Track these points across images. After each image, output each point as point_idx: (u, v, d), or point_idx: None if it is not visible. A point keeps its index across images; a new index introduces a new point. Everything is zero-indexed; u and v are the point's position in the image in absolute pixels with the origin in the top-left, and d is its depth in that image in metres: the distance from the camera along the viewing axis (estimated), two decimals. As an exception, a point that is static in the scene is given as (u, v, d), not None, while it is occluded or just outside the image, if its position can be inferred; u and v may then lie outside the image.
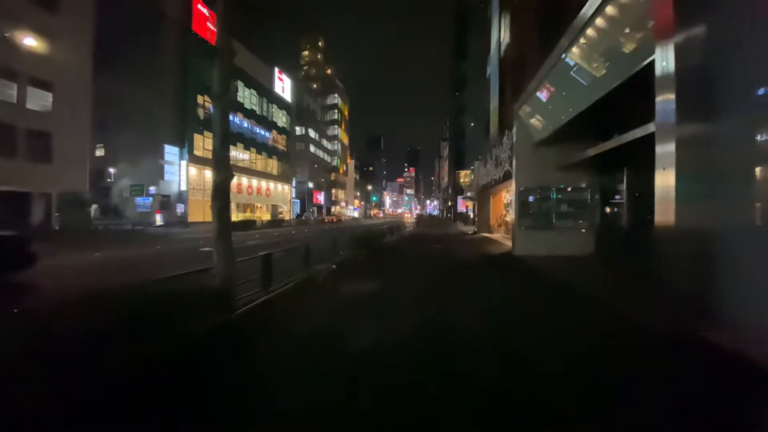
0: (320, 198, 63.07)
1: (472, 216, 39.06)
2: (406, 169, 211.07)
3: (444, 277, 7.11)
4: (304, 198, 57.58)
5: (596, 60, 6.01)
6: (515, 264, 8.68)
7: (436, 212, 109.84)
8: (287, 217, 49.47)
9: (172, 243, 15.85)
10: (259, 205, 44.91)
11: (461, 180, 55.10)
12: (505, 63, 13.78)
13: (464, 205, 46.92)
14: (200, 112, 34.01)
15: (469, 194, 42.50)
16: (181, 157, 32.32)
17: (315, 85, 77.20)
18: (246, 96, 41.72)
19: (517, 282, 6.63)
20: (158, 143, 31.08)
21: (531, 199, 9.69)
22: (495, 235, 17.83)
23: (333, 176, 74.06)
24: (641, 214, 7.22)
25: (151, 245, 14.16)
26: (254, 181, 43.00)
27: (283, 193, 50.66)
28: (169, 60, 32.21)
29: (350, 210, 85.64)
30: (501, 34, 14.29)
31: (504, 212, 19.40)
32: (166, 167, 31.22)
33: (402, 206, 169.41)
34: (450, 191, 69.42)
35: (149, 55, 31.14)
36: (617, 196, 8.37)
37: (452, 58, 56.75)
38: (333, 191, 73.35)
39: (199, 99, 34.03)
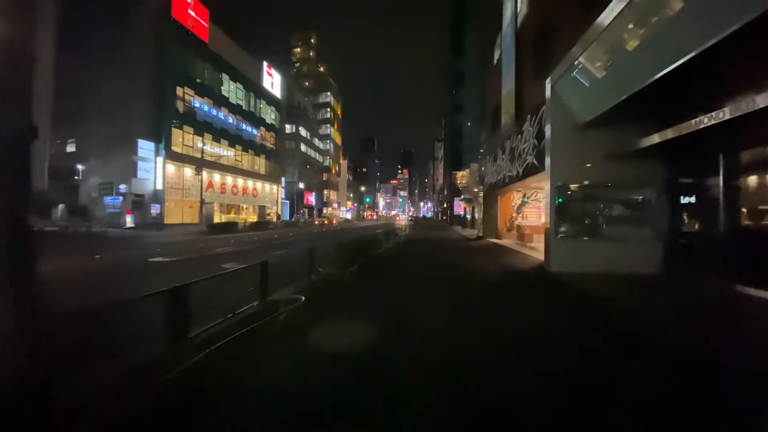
0: (311, 199, 60.58)
1: (470, 219, 36.97)
2: (399, 171, 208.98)
3: (473, 317, 4.81)
4: (295, 199, 55.00)
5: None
6: (561, 289, 6.25)
7: (430, 214, 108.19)
8: (276, 219, 46.85)
9: (127, 249, 13.33)
10: (245, 206, 42.28)
11: (458, 181, 53.07)
12: (522, 37, 11.61)
13: (462, 208, 44.87)
14: (179, 105, 31.41)
15: (465, 195, 40.46)
16: (157, 154, 29.66)
17: (307, 83, 74.75)
18: (232, 90, 39.19)
19: (585, 330, 4.34)
20: (132, 138, 28.42)
21: (572, 198, 7.44)
22: (505, 242, 15.62)
23: (325, 177, 71.57)
24: (757, 218, 5.07)
25: (94, 253, 11.63)
26: (240, 181, 40.40)
27: (271, 194, 48.09)
28: (145, 49, 29.60)
29: (343, 212, 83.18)
30: (517, 5, 12.17)
31: (513, 215, 17.26)
32: (140, 164, 28.53)
33: (396, 208, 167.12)
34: (446, 193, 67.49)
35: (125, 43, 28.55)
36: (699, 195, 6.23)
37: (449, 54, 54.88)
38: (325, 192, 70.85)
39: (179, 91, 31.46)
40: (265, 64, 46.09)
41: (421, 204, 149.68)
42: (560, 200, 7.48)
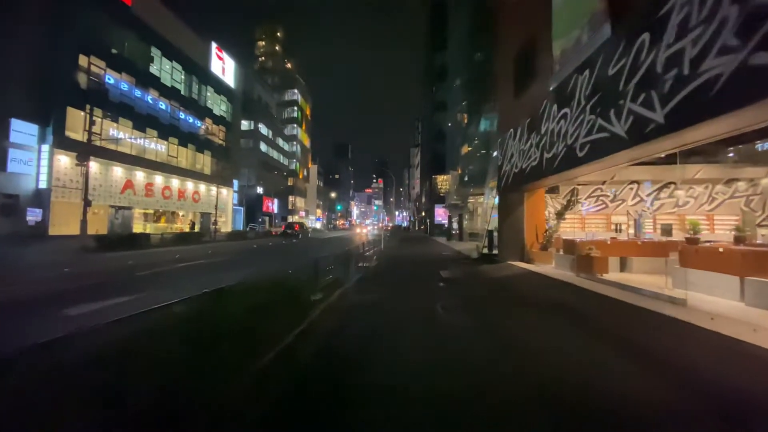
0: (272, 206, 52.84)
1: (457, 228, 31.06)
2: (374, 180, 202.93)
3: None
4: (252, 204, 47.22)
5: None
6: None
7: (405, 223, 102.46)
8: (228, 228, 38.95)
9: None
10: (181, 213, 34.24)
11: (439, 186, 47.53)
12: None
13: (446, 216, 38.93)
14: (82, 79, 23.60)
15: (451, 201, 34.61)
16: (42, 140, 21.65)
17: (271, 80, 67.38)
18: (165, 69, 31.54)
19: None
20: (3, 118, 20.33)
21: None
22: (548, 270, 9.38)
23: (291, 181, 64.08)
24: None
25: None
26: (174, 181, 32.48)
27: (219, 199, 40.12)
28: (37, 2, 21.79)
29: (311, 220, 75.48)
30: None
31: (547, 226, 11.18)
32: (13, 153, 20.46)
33: (370, 216, 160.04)
34: (424, 200, 61.85)
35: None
36: None
37: (429, 48, 49.92)
38: (290, 198, 63.26)
39: (82, 60, 23.69)
40: (214, 45, 38.76)
41: (397, 213, 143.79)
42: None
